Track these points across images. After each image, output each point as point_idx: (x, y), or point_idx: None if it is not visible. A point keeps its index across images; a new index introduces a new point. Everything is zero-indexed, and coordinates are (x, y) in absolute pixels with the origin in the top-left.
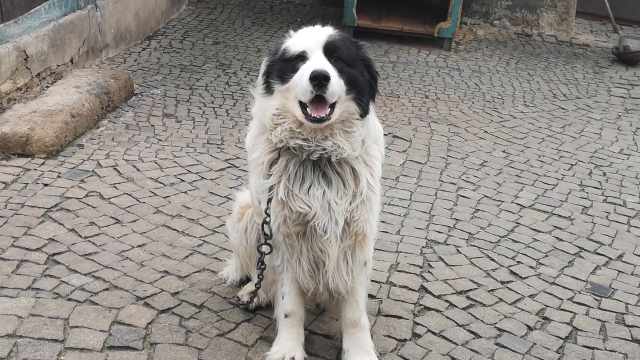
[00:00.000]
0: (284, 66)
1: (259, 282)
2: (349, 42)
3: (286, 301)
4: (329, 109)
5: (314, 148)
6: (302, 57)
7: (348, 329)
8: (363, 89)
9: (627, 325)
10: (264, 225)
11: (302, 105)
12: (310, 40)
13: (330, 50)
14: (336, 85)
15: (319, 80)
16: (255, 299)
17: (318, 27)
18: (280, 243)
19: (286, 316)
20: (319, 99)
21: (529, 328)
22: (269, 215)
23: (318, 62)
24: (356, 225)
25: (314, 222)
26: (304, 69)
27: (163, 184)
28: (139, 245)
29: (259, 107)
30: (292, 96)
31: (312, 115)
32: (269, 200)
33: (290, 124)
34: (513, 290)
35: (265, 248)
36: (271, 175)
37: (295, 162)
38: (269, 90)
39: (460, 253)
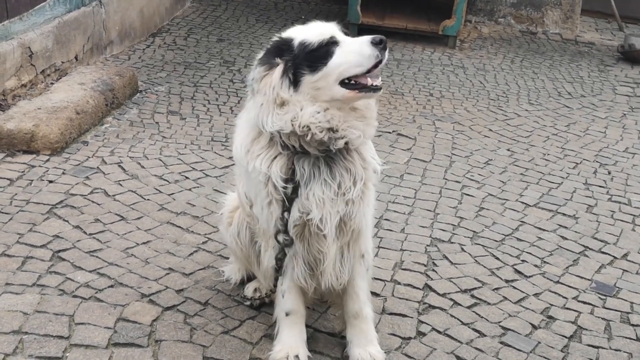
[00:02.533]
0: (312, 56)
1: (274, 288)
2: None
3: (287, 299)
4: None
5: (337, 139)
6: (333, 42)
7: (350, 320)
8: None
9: (632, 325)
10: (278, 235)
11: (347, 83)
12: (329, 27)
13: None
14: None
15: (384, 43)
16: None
17: (319, 22)
18: (278, 243)
19: (287, 314)
20: (374, 68)
21: (534, 327)
22: (282, 229)
23: (355, 39)
24: (353, 223)
25: (312, 221)
26: (343, 48)
27: (167, 181)
28: (144, 243)
29: (259, 110)
30: (330, 80)
31: (374, 84)
32: (284, 210)
33: (316, 111)
34: (518, 289)
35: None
36: (285, 186)
37: (308, 163)
38: (295, 86)
39: (465, 251)
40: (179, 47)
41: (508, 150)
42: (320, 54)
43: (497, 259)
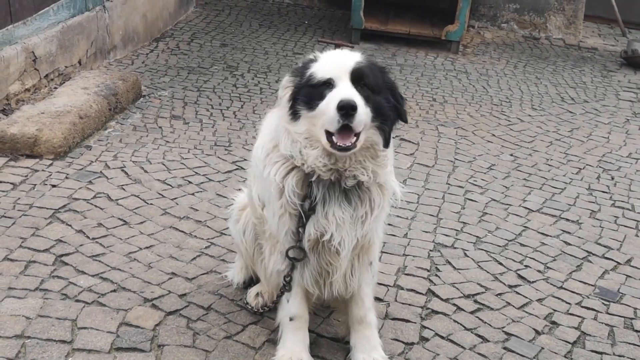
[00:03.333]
0: (311, 92)
1: (277, 300)
2: (376, 67)
3: (291, 304)
4: (355, 137)
5: (347, 178)
6: (329, 84)
7: (354, 325)
8: (388, 117)
9: (636, 330)
10: (290, 250)
11: (328, 134)
12: (337, 66)
13: (357, 78)
14: (363, 114)
15: (347, 110)
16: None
17: (346, 51)
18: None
19: (291, 319)
20: (345, 128)
21: (537, 332)
22: (296, 244)
23: (345, 91)
24: (365, 238)
25: (331, 242)
26: (330, 97)
27: (170, 185)
28: (147, 247)
29: (281, 128)
30: (319, 124)
31: (339, 144)
32: (299, 226)
33: (321, 155)
34: (521, 294)
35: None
36: (302, 202)
37: (323, 185)
38: (295, 115)
39: (468, 256)
40: (183, 52)
41: (511, 155)
42: (317, 93)
43: (500, 264)
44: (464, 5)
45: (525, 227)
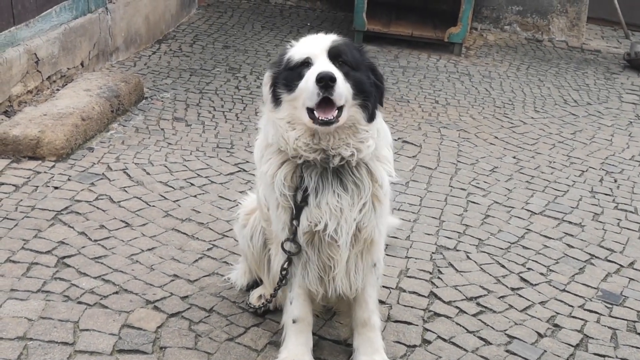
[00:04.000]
0: (290, 75)
1: (275, 294)
2: (353, 46)
3: (294, 306)
4: (337, 111)
5: (333, 157)
6: (307, 64)
7: (358, 328)
8: (370, 93)
9: (639, 333)
10: (285, 243)
11: (310, 111)
12: (313, 46)
13: (334, 55)
14: (343, 87)
15: (325, 81)
16: (270, 304)
17: (321, 34)
18: (283, 251)
19: (294, 321)
20: (326, 102)
21: (540, 335)
22: (291, 237)
23: (323, 65)
24: (366, 232)
25: (326, 232)
26: (309, 74)
27: (173, 187)
28: (149, 249)
29: (267, 121)
30: (299, 104)
31: (320, 118)
32: (292, 218)
33: (303, 135)
34: (523, 297)
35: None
36: (294, 193)
37: (315, 173)
38: (276, 101)
39: (470, 259)
40: (185, 54)
41: (514, 157)
42: (295, 74)
43: (503, 266)
44: (466, 8)
45: (527, 229)
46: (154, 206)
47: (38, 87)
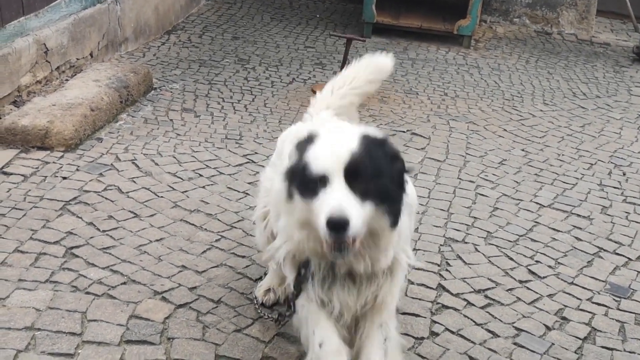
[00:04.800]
0: (305, 184)
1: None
2: (375, 149)
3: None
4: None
5: (341, 265)
6: (322, 180)
7: None
8: (395, 200)
9: None
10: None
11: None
12: (330, 159)
13: (353, 173)
14: (358, 225)
15: (337, 229)
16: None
17: (344, 131)
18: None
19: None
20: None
21: (548, 328)
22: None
23: (336, 198)
24: (375, 300)
25: (334, 312)
26: (322, 199)
27: (181, 178)
28: (157, 240)
29: (280, 201)
30: (312, 215)
31: (332, 251)
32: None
33: (314, 244)
34: (531, 290)
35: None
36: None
37: (325, 265)
38: (291, 197)
39: (479, 251)
40: (194, 45)
41: (522, 150)
42: (311, 187)
43: (511, 259)
44: (476, 0)
45: (536, 222)
46: (162, 197)
47: (47, 78)
